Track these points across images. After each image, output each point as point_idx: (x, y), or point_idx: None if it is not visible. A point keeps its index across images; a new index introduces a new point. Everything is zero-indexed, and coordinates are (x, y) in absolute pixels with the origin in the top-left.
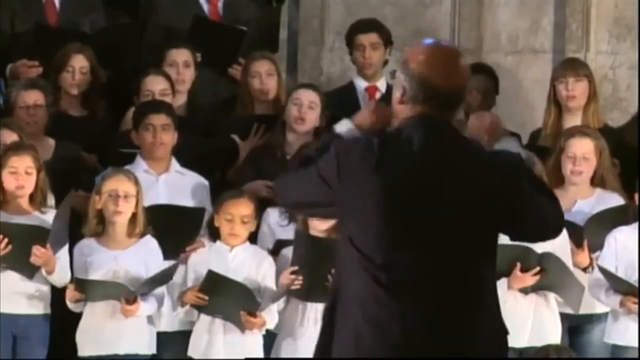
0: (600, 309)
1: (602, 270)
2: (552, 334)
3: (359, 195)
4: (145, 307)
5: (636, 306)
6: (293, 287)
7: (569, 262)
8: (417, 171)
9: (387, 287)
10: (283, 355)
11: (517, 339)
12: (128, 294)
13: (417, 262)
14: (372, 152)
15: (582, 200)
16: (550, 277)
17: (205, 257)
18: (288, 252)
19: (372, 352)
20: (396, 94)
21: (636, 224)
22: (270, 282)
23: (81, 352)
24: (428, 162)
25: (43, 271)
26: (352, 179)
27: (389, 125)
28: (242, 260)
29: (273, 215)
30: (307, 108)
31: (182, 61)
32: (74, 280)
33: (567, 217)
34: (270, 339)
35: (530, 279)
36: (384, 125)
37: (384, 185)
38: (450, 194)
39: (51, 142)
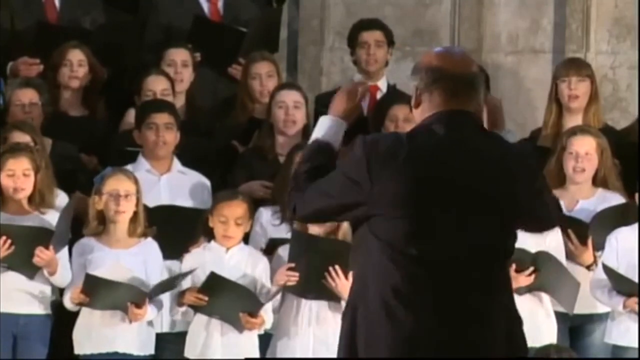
0: (601, 309)
1: (606, 269)
2: (547, 335)
3: (391, 188)
4: (150, 310)
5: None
6: (289, 284)
7: (563, 260)
8: (445, 162)
9: (417, 278)
10: (279, 356)
11: None
12: (140, 296)
13: (447, 252)
14: (400, 145)
15: (585, 200)
16: (545, 276)
17: (201, 258)
18: (283, 251)
19: (400, 342)
20: (412, 102)
21: (636, 225)
22: (265, 282)
23: (78, 350)
24: (454, 153)
25: (45, 272)
26: (383, 172)
27: (360, 108)
28: (237, 260)
29: (265, 214)
30: (293, 109)
31: (180, 61)
32: (85, 276)
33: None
34: (267, 339)
35: (524, 280)
36: (358, 107)
37: (414, 177)
38: (478, 184)
39: (47, 141)
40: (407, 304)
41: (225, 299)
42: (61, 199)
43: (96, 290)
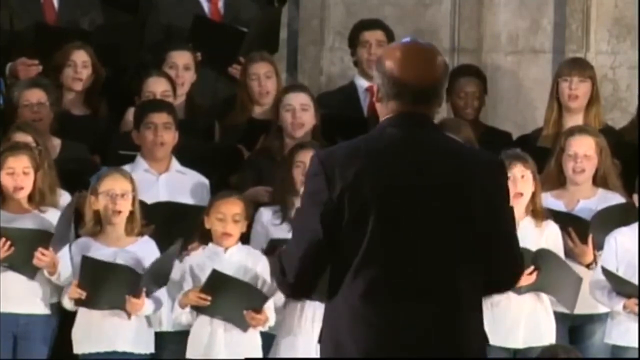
0: (602, 309)
1: (605, 272)
2: (547, 334)
3: (349, 198)
4: (148, 304)
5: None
6: None
7: (562, 256)
8: (402, 169)
9: (378, 286)
10: (282, 355)
11: (511, 340)
12: (136, 277)
13: (407, 260)
14: (356, 152)
15: (585, 200)
16: (546, 274)
17: (201, 259)
18: None
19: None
20: (374, 96)
21: (636, 225)
22: (267, 279)
23: (77, 349)
24: (414, 152)
25: (45, 272)
26: (341, 180)
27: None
28: (237, 259)
29: (266, 214)
30: (300, 111)
31: (182, 64)
32: (82, 258)
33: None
34: (268, 339)
35: (525, 279)
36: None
37: (371, 185)
38: (435, 191)
39: (57, 141)
40: (368, 323)
41: (228, 297)
42: (65, 199)
43: (93, 275)
